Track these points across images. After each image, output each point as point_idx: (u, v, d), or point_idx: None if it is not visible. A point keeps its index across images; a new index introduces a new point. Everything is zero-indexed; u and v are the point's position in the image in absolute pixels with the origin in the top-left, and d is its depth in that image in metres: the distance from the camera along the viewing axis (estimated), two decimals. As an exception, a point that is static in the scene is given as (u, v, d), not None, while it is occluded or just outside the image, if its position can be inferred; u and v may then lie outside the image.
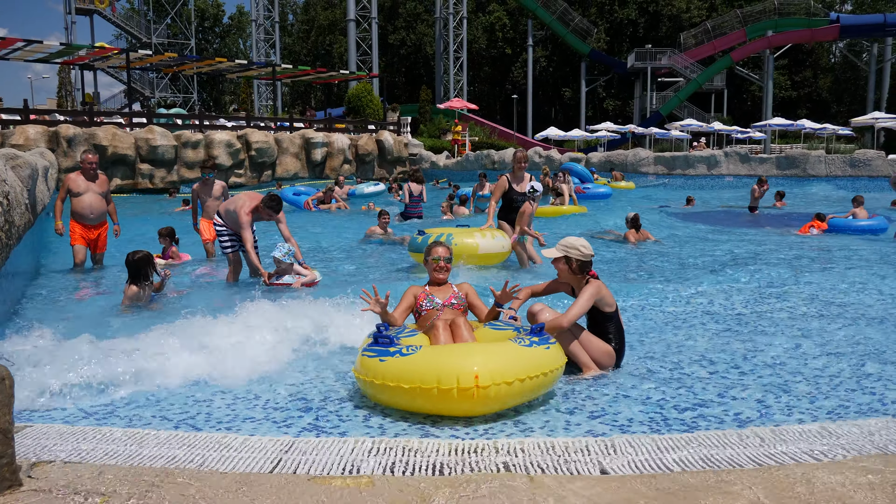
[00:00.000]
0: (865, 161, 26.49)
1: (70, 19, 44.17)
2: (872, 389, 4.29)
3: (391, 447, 3.37)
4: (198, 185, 10.17)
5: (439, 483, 2.93)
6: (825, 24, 44.61)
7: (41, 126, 21.09)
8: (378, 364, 3.93)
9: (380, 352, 4.00)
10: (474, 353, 3.93)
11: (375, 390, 3.96)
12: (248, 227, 7.80)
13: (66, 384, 4.48)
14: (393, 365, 3.88)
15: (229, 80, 64.84)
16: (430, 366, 3.79)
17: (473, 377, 3.69)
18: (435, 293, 5.09)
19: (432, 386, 3.72)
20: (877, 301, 6.96)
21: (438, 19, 51.69)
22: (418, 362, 3.84)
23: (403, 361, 3.87)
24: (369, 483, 2.94)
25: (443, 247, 5.27)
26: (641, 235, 11.89)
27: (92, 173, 9.27)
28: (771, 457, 3.24)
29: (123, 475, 2.92)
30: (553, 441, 3.49)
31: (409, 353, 3.92)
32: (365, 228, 12.46)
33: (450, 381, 3.70)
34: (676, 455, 3.27)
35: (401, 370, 3.83)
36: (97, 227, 9.37)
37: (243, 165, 25.22)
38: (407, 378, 3.79)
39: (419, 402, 3.83)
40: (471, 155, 32.47)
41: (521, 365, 3.88)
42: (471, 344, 4.24)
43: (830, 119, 51.40)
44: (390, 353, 3.96)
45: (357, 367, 4.11)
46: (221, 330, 5.28)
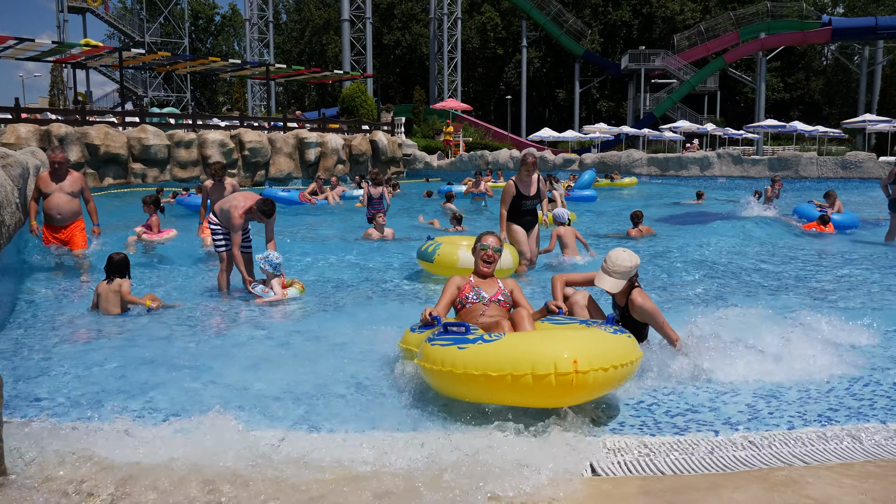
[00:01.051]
0: (857, 163, 26.61)
1: (62, 17, 44.00)
2: (862, 395, 4.31)
3: (381, 441, 3.37)
4: (209, 183, 9.50)
5: (428, 475, 2.94)
6: (817, 27, 44.79)
7: (32, 125, 20.98)
8: (457, 352, 3.63)
9: (457, 339, 3.72)
10: (567, 338, 3.63)
11: (452, 381, 3.66)
12: (238, 229, 7.77)
13: (51, 380, 4.48)
14: (476, 352, 3.58)
15: (223, 80, 64.68)
16: (523, 351, 3.48)
17: (572, 362, 3.39)
18: (482, 286, 4.88)
19: (525, 372, 3.40)
20: (867, 304, 6.99)
21: (433, 20, 51.66)
22: (508, 348, 3.54)
23: (489, 348, 3.57)
24: (357, 475, 2.95)
25: (493, 236, 5.06)
26: (644, 231, 12.30)
27: (60, 172, 8.83)
28: (761, 460, 3.26)
29: (108, 468, 2.91)
30: (544, 439, 3.50)
31: (494, 339, 3.63)
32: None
33: (546, 366, 3.39)
34: (668, 458, 3.29)
35: (487, 357, 3.52)
36: (67, 227, 8.89)
37: (236, 165, 25.15)
38: (495, 365, 3.47)
39: (505, 393, 3.52)
40: (464, 156, 32.48)
41: (615, 351, 3.64)
42: (559, 329, 3.93)
43: (822, 121, 51.61)
44: (469, 339, 3.68)
45: (425, 358, 3.83)
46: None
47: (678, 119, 45.78)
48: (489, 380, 3.48)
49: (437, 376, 3.78)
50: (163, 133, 23.32)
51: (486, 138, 41.95)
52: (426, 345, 3.92)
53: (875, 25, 42.75)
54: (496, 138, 44.07)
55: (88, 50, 29.61)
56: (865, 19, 45.86)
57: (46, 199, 8.77)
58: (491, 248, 4.98)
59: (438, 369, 3.70)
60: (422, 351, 3.95)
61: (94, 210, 9.17)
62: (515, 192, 8.70)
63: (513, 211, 8.76)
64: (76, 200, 8.93)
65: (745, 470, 3.13)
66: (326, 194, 18.78)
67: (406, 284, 8.37)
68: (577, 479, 3.04)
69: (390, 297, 7.63)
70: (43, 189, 8.78)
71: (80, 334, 5.97)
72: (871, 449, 3.38)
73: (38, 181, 8.83)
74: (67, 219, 8.85)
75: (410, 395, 4.23)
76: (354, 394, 4.36)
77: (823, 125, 44.18)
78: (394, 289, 8.12)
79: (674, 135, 40.37)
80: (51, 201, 8.75)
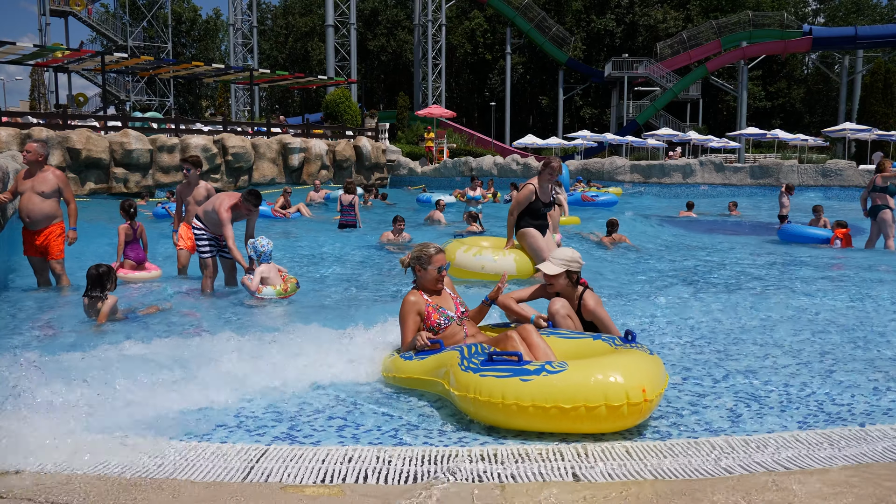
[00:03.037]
0: (837, 171, 26.89)
1: (44, 21, 43.61)
2: (842, 399, 4.34)
3: (363, 455, 3.35)
4: (181, 186, 8.93)
5: (413, 491, 2.92)
6: (798, 37, 45.28)
7: (13, 128, 20.78)
8: (521, 385, 3.59)
9: (517, 371, 3.67)
10: (629, 365, 3.70)
11: (515, 414, 3.61)
12: (228, 224, 7.67)
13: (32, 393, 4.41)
14: (543, 384, 3.57)
15: (206, 85, 64.41)
16: (594, 382, 3.54)
17: (642, 391, 3.55)
18: (442, 304, 4.76)
19: (599, 404, 3.49)
20: (848, 310, 7.04)
21: (417, 26, 51.75)
22: (578, 379, 3.56)
23: (558, 380, 3.57)
24: (340, 492, 2.93)
25: (443, 252, 4.89)
26: (616, 238, 12.34)
27: (32, 168, 7.85)
28: (742, 465, 3.27)
29: (91, 484, 2.87)
30: (527, 448, 3.50)
31: (558, 370, 3.61)
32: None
33: (619, 397, 3.51)
34: (649, 463, 3.29)
35: (557, 389, 3.54)
36: (40, 232, 7.84)
37: (220, 170, 25.03)
38: (566, 397, 3.51)
39: (574, 422, 3.56)
40: (448, 162, 32.51)
41: (662, 373, 3.84)
42: (612, 355, 3.88)
43: (803, 129, 52.15)
44: (531, 371, 3.64)
45: (475, 390, 3.72)
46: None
47: (661, 126, 46.09)
48: (561, 412, 3.53)
49: (491, 408, 3.68)
50: (145, 137, 23.17)
51: (470, 145, 42.01)
52: (471, 376, 3.79)
53: (855, 35, 43.28)
54: (480, 145, 44.13)
55: (70, 53, 29.41)
56: (845, 29, 46.46)
57: (21, 200, 7.83)
58: (443, 268, 4.79)
59: (498, 402, 3.63)
60: (464, 382, 3.81)
61: (73, 213, 8.03)
62: (535, 197, 8.40)
63: (531, 216, 8.43)
64: (50, 202, 7.86)
65: (727, 476, 3.14)
66: (298, 206, 17.95)
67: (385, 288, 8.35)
68: (558, 483, 3.04)
69: (375, 302, 7.61)
70: (19, 187, 7.86)
71: (56, 339, 5.89)
72: (850, 454, 3.40)
73: (17, 178, 7.99)
74: (39, 223, 7.81)
75: (387, 408, 4.21)
76: (334, 406, 4.33)
77: (804, 133, 44.61)
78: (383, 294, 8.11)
79: (657, 142, 40.61)
80: (22, 202, 7.80)
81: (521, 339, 4.32)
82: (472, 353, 4.05)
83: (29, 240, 7.90)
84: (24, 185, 7.80)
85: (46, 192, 7.78)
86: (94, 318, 6.29)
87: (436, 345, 4.41)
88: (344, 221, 14.65)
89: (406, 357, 4.56)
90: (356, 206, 14.66)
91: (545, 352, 4.24)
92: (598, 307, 4.92)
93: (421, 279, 4.81)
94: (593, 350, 4.25)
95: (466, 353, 4.06)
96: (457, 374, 3.90)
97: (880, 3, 64.68)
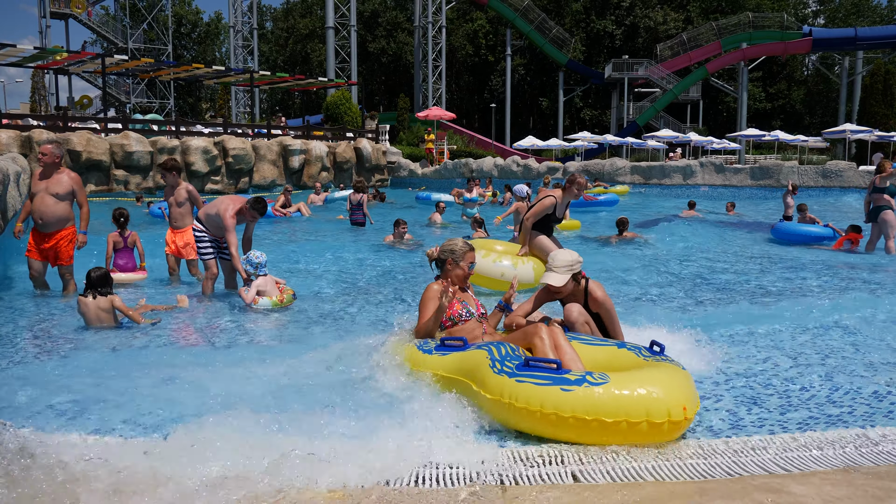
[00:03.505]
0: (837, 172, 26.88)
1: (45, 23, 43.64)
2: (841, 402, 4.35)
3: (366, 458, 3.35)
4: (166, 189, 8.85)
5: (413, 494, 2.92)
6: (798, 38, 45.32)
7: (13, 130, 20.81)
8: (561, 395, 3.51)
9: (556, 380, 3.57)
10: (668, 381, 3.65)
11: (554, 424, 3.53)
12: (232, 231, 7.58)
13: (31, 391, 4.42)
14: (585, 396, 3.49)
15: (206, 87, 64.44)
16: (637, 397, 3.49)
17: (682, 409, 3.54)
18: (466, 300, 4.73)
19: (641, 420, 3.46)
20: (849, 312, 7.04)
21: (417, 28, 51.78)
22: (620, 393, 3.50)
23: (601, 392, 3.50)
24: (342, 495, 2.93)
25: (473, 251, 4.89)
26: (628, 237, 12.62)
27: (46, 169, 7.65)
28: (742, 467, 3.27)
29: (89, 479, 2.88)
30: (527, 450, 3.50)
31: (600, 382, 3.53)
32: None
33: (661, 414, 3.48)
34: (650, 465, 3.29)
35: (598, 403, 3.47)
36: (52, 235, 7.66)
37: (220, 172, 25.05)
38: (608, 411, 3.45)
39: (613, 435, 3.49)
40: (449, 163, 32.51)
41: (694, 387, 3.82)
42: (651, 370, 3.80)
43: (803, 130, 52.18)
44: (571, 380, 3.56)
45: (509, 395, 3.62)
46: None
47: (661, 128, 46.12)
48: (602, 425, 3.48)
49: (527, 416, 3.59)
50: (145, 140, 23.20)
51: (471, 146, 42.03)
52: (506, 380, 3.68)
53: (854, 36, 43.33)
54: (480, 146, 44.17)
55: (71, 56, 29.43)
56: (845, 30, 46.50)
57: (34, 201, 7.63)
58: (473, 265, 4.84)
59: (536, 410, 3.54)
60: (497, 386, 3.70)
61: (85, 216, 7.85)
62: (553, 210, 8.34)
63: (541, 225, 8.36)
64: (64, 204, 7.68)
65: (727, 477, 3.14)
66: (298, 206, 17.91)
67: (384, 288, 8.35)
68: (560, 486, 3.04)
69: (376, 302, 7.61)
70: (32, 188, 7.69)
71: (56, 344, 5.90)
72: (851, 456, 3.40)
73: (32, 178, 7.74)
74: (51, 225, 7.62)
75: (387, 409, 4.21)
76: (337, 404, 4.33)
77: (804, 135, 44.64)
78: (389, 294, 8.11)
79: (657, 144, 40.63)
80: (35, 203, 7.61)
81: (550, 340, 4.23)
82: (503, 355, 3.90)
83: (37, 242, 7.67)
84: (38, 186, 7.61)
85: (61, 193, 7.59)
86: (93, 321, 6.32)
87: (458, 341, 4.29)
88: (354, 220, 15.19)
89: (424, 349, 4.41)
90: (364, 204, 15.15)
91: (572, 356, 4.16)
92: (605, 297, 4.88)
93: (450, 273, 4.83)
94: (622, 360, 4.15)
95: (497, 355, 3.91)
96: (488, 376, 3.77)
97: (880, 5, 64.75)
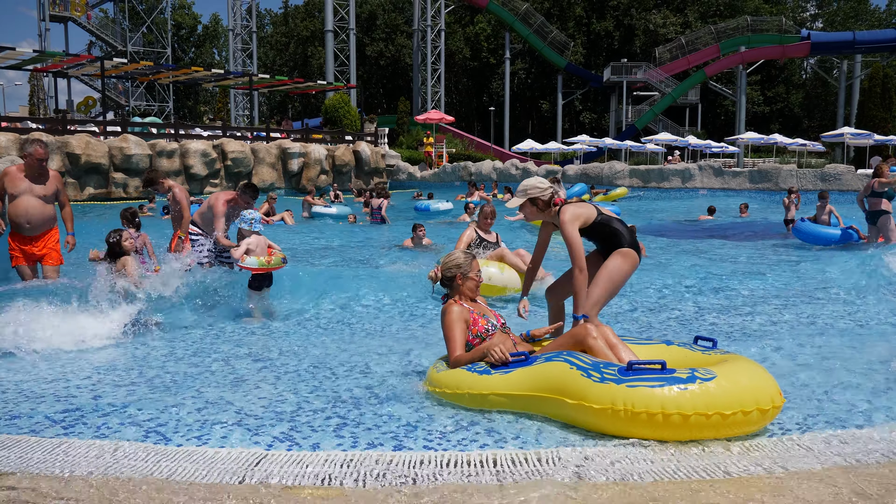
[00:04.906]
0: (836, 175, 26.90)
1: (44, 26, 43.69)
2: (841, 400, 4.34)
3: (363, 459, 3.35)
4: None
5: (410, 494, 2.92)
6: (797, 41, 45.42)
7: (12, 133, 20.79)
8: (680, 394, 3.53)
9: (669, 380, 3.59)
10: (759, 371, 3.77)
11: (677, 424, 3.52)
12: (222, 217, 7.53)
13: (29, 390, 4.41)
14: (703, 392, 3.54)
15: (205, 90, 64.48)
16: (744, 389, 3.58)
17: (779, 394, 3.70)
18: (486, 313, 4.57)
19: (752, 409, 3.55)
20: (848, 312, 7.05)
21: (416, 31, 51.85)
22: (732, 386, 3.58)
23: (715, 387, 3.55)
24: (340, 494, 2.92)
25: (476, 259, 4.75)
26: None
27: (38, 171, 7.16)
28: (742, 467, 3.26)
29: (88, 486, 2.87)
30: (526, 450, 3.49)
31: (711, 377, 3.59)
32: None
33: (766, 401, 3.59)
34: (649, 464, 3.28)
35: (716, 397, 3.53)
36: (39, 238, 7.26)
37: (219, 175, 25.05)
38: (725, 404, 3.52)
39: (728, 429, 3.58)
40: (448, 167, 32.54)
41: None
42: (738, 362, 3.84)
43: (802, 134, 52.29)
44: (683, 378, 3.59)
45: (637, 403, 3.54)
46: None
47: (660, 131, 46.17)
48: (722, 418, 3.52)
49: (644, 419, 3.55)
50: (145, 143, 23.19)
51: (470, 149, 42.08)
52: (613, 387, 3.62)
53: (853, 40, 43.43)
54: (479, 149, 44.22)
55: (70, 59, 29.44)
56: (843, 34, 46.61)
57: (13, 202, 7.06)
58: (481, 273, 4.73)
59: (657, 412, 3.51)
60: (604, 395, 3.63)
61: (69, 216, 7.51)
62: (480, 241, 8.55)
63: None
64: (51, 206, 7.34)
65: (727, 477, 3.14)
66: (282, 215, 17.40)
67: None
68: (558, 485, 3.03)
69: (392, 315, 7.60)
70: (9, 188, 7.06)
71: (56, 348, 5.88)
72: (851, 455, 3.39)
73: (5, 177, 7.09)
74: (39, 227, 7.21)
75: (386, 410, 4.21)
76: (333, 407, 4.33)
77: (803, 138, 44.70)
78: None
79: (656, 147, 40.66)
80: (19, 205, 7.06)
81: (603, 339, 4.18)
82: (593, 364, 3.82)
83: (25, 247, 7.21)
84: (20, 186, 7.07)
85: (48, 195, 7.25)
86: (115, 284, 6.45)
87: (521, 356, 4.10)
88: (374, 221, 16.63)
89: (479, 371, 4.18)
90: (384, 208, 16.48)
91: (629, 352, 4.15)
92: (565, 223, 4.78)
93: (461, 288, 4.59)
94: (686, 357, 4.18)
95: (585, 364, 3.82)
96: (589, 386, 3.69)
97: (878, 8, 64.93)
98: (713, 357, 4.06)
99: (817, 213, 13.83)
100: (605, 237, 5.02)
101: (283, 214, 17.37)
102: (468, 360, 4.33)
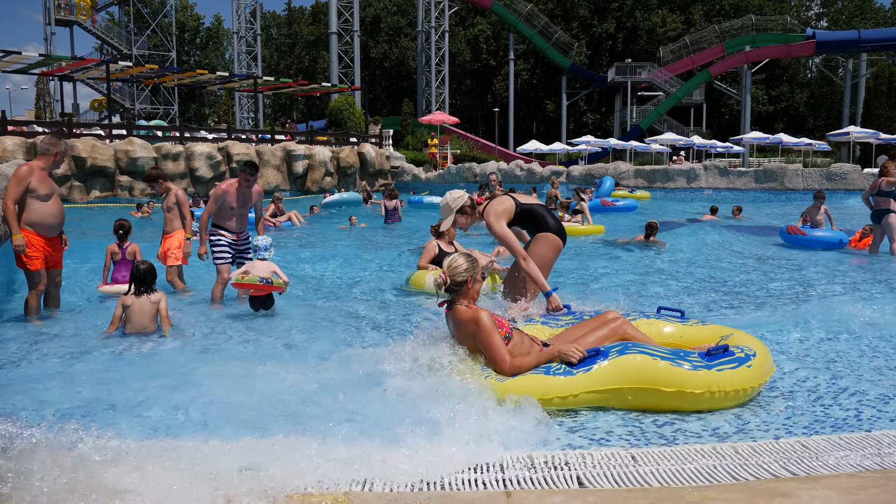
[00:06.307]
0: (842, 174, 26.82)
1: (49, 30, 43.83)
2: (848, 405, 4.33)
3: (370, 461, 3.34)
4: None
5: (418, 499, 2.92)
6: (801, 40, 45.30)
7: (19, 137, 20.88)
8: (749, 371, 4.24)
9: (741, 360, 4.27)
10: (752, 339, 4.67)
11: (750, 394, 4.31)
12: (213, 199, 7.71)
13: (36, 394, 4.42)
14: (759, 365, 4.30)
15: (210, 93, 64.63)
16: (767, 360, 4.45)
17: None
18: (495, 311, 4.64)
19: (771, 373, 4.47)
20: (855, 316, 7.01)
21: (420, 33, 51.88)
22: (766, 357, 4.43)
23: (761, 360, 4.34)
24: (346, 499, 2.92)
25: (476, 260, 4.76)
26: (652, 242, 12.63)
27: (49, 170, 6.95)
28: (749, 471, 3.25)
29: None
30: (532, 454, 3.49)
31: (753, 353, 4.37)
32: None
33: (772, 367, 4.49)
34: (655, 469, 3.28)
35: (763, 368, 4.34)
36: (57, 238, 7.05)
37: (224, 177, 25.10)
38: (766, 372, 4.37)
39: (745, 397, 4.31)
40: (452, 168, 32.52)
41: None
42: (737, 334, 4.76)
43: (807, 133, 52.15)
44: (749, 356, 4.31)
45: (727, 384, 4.14)
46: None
47: (664, 131, 46.11)
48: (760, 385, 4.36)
49: (732, 396, 4.22)
50: (150, 146, 23.26)
51: (474, 151, 42.08)
52: (705, 373, 4.16)
53: (858, 39, 43.29)
54: (484, 151, 44.22)
55: (76, 62, 29.54)
56: (849, 33, 46.46)
57: (46, 203, 6.78)
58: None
59: (741, 388, 4.21)
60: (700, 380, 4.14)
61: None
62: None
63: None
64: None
65: (733, 482, 3.13)
66: (289, 215, 17.45)
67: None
68: (564, 491, 3.03)
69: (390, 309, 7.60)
70: (40, 188, 6.73)
71: (61, 349, 5.90)
72: (857, 460, 3.38)
73: (30, 177, 6.68)
74: (58, 228, 7.01)
75: (391, 412, 4.20)
76: (339, 408, 4.32)
77: (808, 137, 44.58)
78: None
79: (660, 147, 40.60)
80: (54, 206, 6.85)
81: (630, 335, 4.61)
82: (676, 353, 4.30)
83: (48, 249, 6.88)
84: (50, 186, 6.84)
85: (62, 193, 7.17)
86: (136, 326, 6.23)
87: (594, 352, 4.19)
88: (388, 221, 17.01)
89: (562, 373, 4.14)
90: (399, 209, 17.01)
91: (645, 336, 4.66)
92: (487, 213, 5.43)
93: (470, 292, 4.55)
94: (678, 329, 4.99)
95: (668, 354, 4.25)
96: (685, 374, 4.15)
97: (883, 7, 64.69)
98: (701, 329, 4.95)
99: (812, 213, 13.68)
100: (531, 222, 5.70)
101: (289, 214, 17.48)
102: (532, 365, 4.23)
